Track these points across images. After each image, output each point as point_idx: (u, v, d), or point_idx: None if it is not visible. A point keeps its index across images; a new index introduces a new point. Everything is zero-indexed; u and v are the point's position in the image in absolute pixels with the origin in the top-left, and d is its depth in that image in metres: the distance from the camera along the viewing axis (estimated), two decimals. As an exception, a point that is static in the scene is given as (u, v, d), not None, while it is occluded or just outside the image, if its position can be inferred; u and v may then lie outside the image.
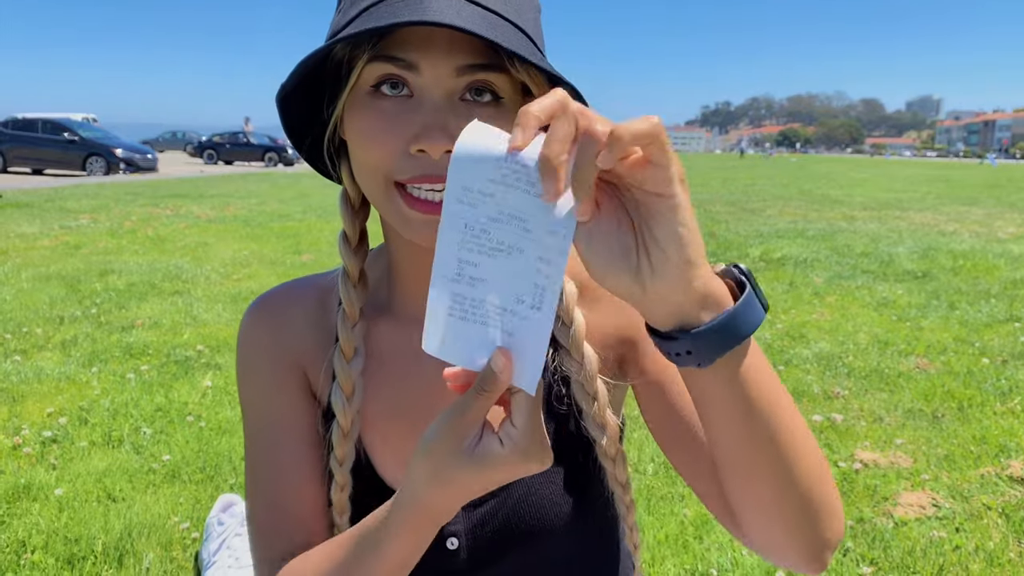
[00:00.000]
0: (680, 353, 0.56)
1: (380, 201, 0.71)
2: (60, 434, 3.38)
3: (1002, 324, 5.45)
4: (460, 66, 0.66)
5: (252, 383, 0.88)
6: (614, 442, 0.81)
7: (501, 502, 0.81)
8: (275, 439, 0.86)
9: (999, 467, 3.17)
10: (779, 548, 0.67)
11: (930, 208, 15.09)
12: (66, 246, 8.37)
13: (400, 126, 0.67)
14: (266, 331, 0.87)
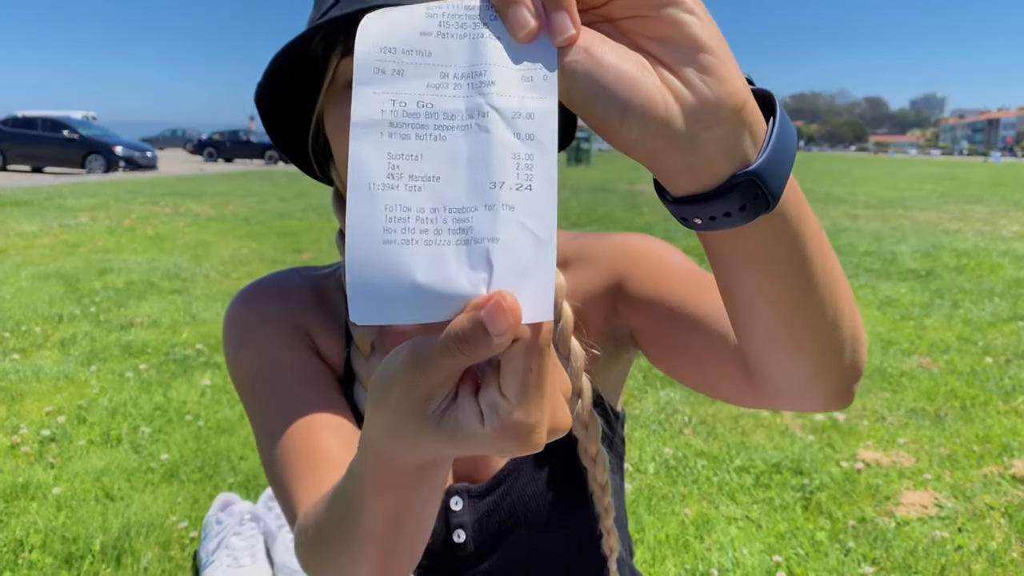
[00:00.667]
0: (745, 206, 0.44)
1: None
2: (58, 433, 3.36)
3: (1006, 323, 5.42)
4: None
5: (255, 352, 0.82)
6: (594, 442, 0.81)
7: (506, 490, 0.82)
8: (291, 381, 0.80)
9: (1002, 467, 3.15)
10: (813, 393, 0.61)
11: (934, 206, 15.05)
12: (65, 244, 8.36)
13: None
14: (268, 303, 0.85)
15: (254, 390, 0.82)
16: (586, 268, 0.83)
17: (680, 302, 0.75)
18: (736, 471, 3.08)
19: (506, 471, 0.82)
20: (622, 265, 0.81)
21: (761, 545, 2.57)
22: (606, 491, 0.83)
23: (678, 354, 0.76)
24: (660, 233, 10.15)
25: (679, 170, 0.43)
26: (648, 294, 0.78)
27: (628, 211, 13.32)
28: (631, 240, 0.83)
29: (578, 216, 12.26)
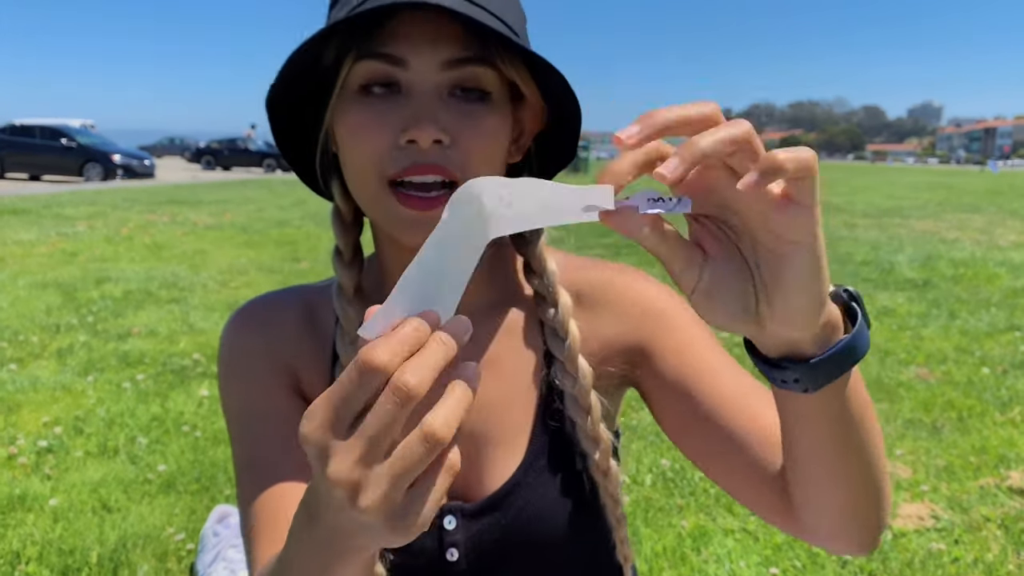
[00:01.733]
0: (787, 381, 0.54)
1: (373, 204, 0.71)
2: (55, 444, 3.36)
3: (1003, 333, 5.43)
4: (447, 60, 0.67)
5: (240, 387, 0.86)
6: (606, 456, 0.81)
7: (502, 514, 0.81)
8: (266, 438, 0.84)
9: (999, 478, 3.15)
10: (843, 538, 0.67)
11: (931, 215, 15.09)
12: (63, 253, 8.36)
13: (390, 119, 0.67)
14: (255, 334, 0.86)
15: (233, 429, 0.86)
16: (607, 314, 0.83)
17: (712, 405, 0.77)
18: (733, 482, 3.08)
19: (503, 492, 0.81)
20: (647, 328, 0.82)
21: (758, 557, 2.57)
22: (619, 503, 0.84)
23: (705, 454, 0.79)
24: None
25: (769, 347, 0.53)
26: (672, 375, 0.80)
27: (626, 220, 13.33)
28: (659, 301, 0.84)
29: (576, 225, 12.23)
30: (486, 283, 0.85)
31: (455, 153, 0.68)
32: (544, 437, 0.82)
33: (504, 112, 0.72)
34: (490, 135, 0.70)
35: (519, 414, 0.82)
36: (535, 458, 0.81)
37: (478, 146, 0.69)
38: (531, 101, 0.74)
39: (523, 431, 0.82)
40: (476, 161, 0.69)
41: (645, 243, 0.47)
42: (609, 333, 0.83)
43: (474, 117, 0.69)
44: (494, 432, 0.82)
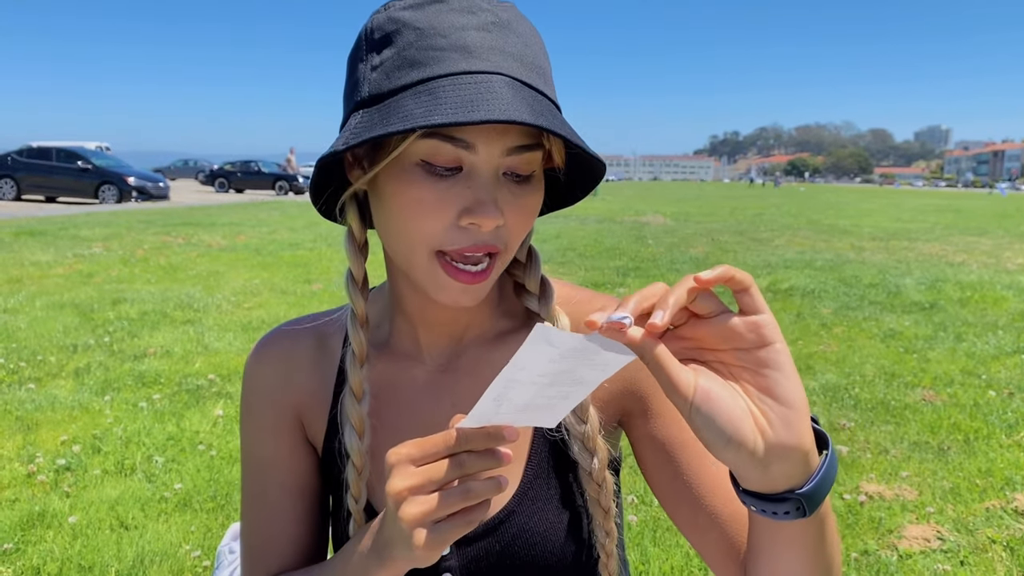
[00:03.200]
0: (789, 511, 0.58)
1: (419, 269, 0.74)
2: (74, 462, 3.43)
3: (1009, 356, 5.46)
4: (511, 147, 0.70)
5: (251, 425, 0.92)
6: (603, 467, 0.82)
7: (496, 539, 0.83)
8: (265, 480, 0.92)
9: (1004, 500, 3.18)
10: None
11: (938, 239, 15.10)
12: (79, 274, 8.47)
13: (452, 199, 0.70)
14: (267, 378, 0.91)
15: (243, 460, 0.94)
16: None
17: (691, 477, 0.82)
18: (740, 503, 3.11)
19: (498, 518, 0.83)
20: (646, 384, 0.84)
21: (764, 577, 2.60)
22: (609, 515, 0.84)
23: (677, 513, 0.83)
24: (665, 264, 10.22)
25: (750, 479, 0.58)
26: (659, 437, 0.83)
27: (634, 242, 13.40)
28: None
29: (585, 247, 12.33)
30: (493, 314, 0.88)
31: (504, 231, 0.72)
32: (540, 463, 0.84)
33: (541, 185, 0.76)
34: (532, 212, 0.75)
35: (516, 441, 0.86)
36: (530, 485, 0.84)
37: (523, 225, 0.74)
38: (555, 160, 0.77)
39: (519, 456, 0.84)
40: (518, 235, 0.74)
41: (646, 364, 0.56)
42: (613, 379, 0.84)
43: (522, 196, 0.73)
44: None
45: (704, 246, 12.96)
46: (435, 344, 0.87)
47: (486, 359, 0.86)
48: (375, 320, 0.89)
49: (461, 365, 0.86)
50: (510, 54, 0.70)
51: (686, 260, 10.82)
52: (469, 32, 0.69)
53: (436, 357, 0.87)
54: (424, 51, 0.69)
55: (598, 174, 0.79)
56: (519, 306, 0.89)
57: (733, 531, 0.79)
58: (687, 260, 10.82)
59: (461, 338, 0.87)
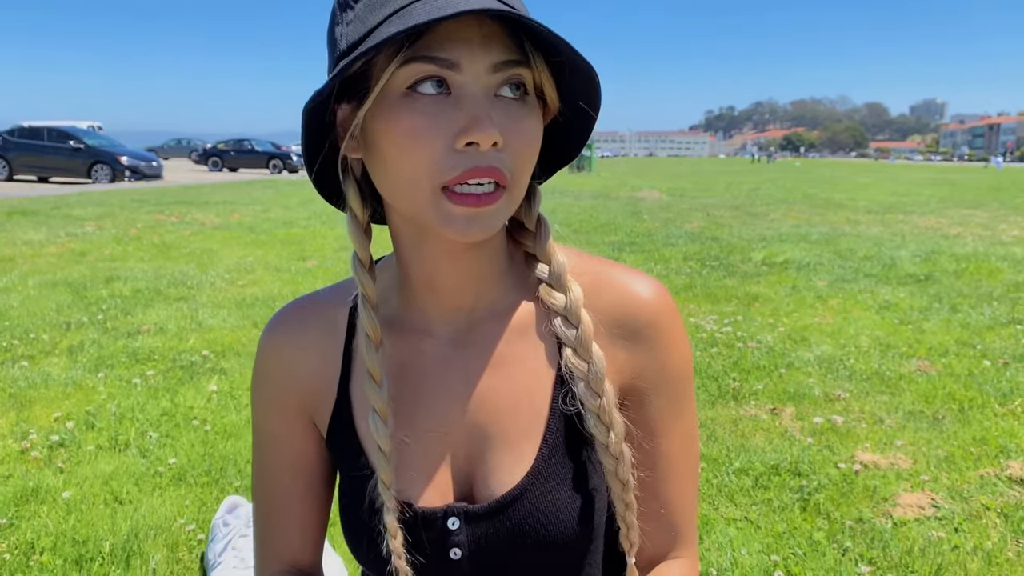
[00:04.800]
0: None
1: (424, 209, 0.70)
2: (67, 438, 3.42)
3: (1004, 327, 5.46)
4: (496, 62, 0.67)
5: (257, 400, 0.93)
6: (620, 440, 0.80)
7: (507, 517, 0.81)
8: (269, 456, 0.92)
9: (998, 468, 3.19)
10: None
11: (933, 212, 15.09)
12: (72, 253, 8.43)
13: (445, 123, 0.67)
14: (273, 359, 0.90)
15: (253, 431, 0.95)
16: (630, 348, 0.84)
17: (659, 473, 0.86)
18: (735, 473, 3.12)
19: (510, 497, 0.81)
20: (648, 373, 0.85)
21: (759, 545, 2.61)
22: (628, 488, 0.82)
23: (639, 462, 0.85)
24: (660, 239, 10.20)
25: None
26: (646, 422, 0.85)
27: (629, 218, 13.37)
28: (681, 365, 0.86)
29: (580, 223, 12.30)
30: (502, 286, 0.85)
31: (506, 156, 0.69)
32: (555, 440, 0.82)
33: (538, 112, 0.73)
34: (533, 137, 0.71)
35: (530, 417, 0.82)
36: (544, 463, 0.81)
37: (524, 148, 0.70)
38: (550, 100, 0.75)
39: (534, 435, 0.82)
40: (523, 163, 0.71)
41: None
42: (634, 364, 0.84)
43: (519, 119, 0.70)
44: (504, 435, 0.82)
45: (699, 221, 12.94)
46: (445, 316, 0.84)
47: (498, 332, 0.84)
48: (382, 294, 0.85)
49: (473, 339, 0.84)
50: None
51: (681, 235, 10.80)
52: None
53: (446, 330, 0.84)
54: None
55: (592, 89, 0.74)
56: (530, 276, 0.86)
57: (660, 534, 0.86)
58: (682, 235, 10.80)
59: (472, 309, 0.84)
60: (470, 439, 0.83)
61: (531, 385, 0.83)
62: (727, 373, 4.38)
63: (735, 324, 5.54)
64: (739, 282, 7.16)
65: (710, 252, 9.03)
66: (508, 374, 0.83)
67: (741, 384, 4.21)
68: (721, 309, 6.06)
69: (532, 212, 0.83)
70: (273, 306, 5.98)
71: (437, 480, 0.83)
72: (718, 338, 5.15)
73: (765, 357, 4.72)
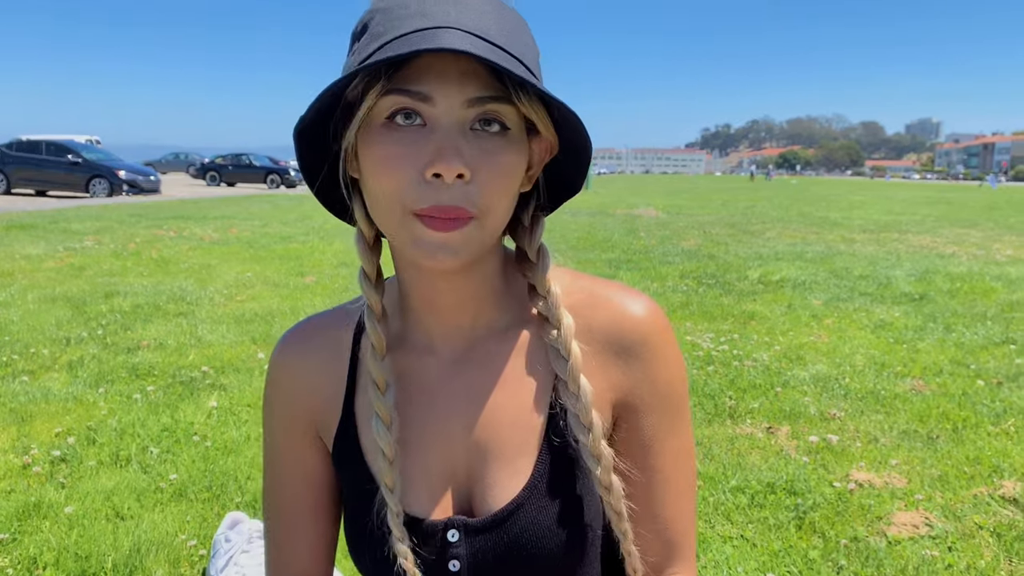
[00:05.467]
0: None
1: (397, 230, 0.74)
2: (69, 453, 3.44)
3: (997, 346, 5.51)
4: (471, 98, 0.70)
5: (268, 417, 0.96)
6: (608, 472, 0.82)
7: (505, 531, 0.83)
8: (277, 477, 0.96)
9: (992, 487, 3.22)
10: None
11: (928, 231, 15.18)
12: (71, 267, 8.45)
13: (415, 152, 0.70)
14: (282, 378, 0.94)
15: (264, 444, 0.98)
16: (636, 367, 0.86)
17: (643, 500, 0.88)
18: (731, 491, 3.15)
19: (508, 510, 0.84)
20: (638, 391, 0.87)
21: (755, 563, 2.64)
22: (622, 517, 0.85)
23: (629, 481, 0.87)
24: (657, 256, 10.25)
25: None
26: (631, 453, 0.87)
27: (626, 235, 13.43)
28: (675, 385, 0.88)
29: (577, 240, 12.36)
30: (500, 306, 0.88)
31: (474, 188, 0.71)
32: (549, 457, 0.85)
33: (521, 146, 0.75)
34: (508, 170, 0.73)
35: (527, 434, 0.85)
36: (540, 478, 0.84)
37: (496, 180, 0.72)
38: (544, 134, 0.77)
39: (530, 451, 0.85)
40: (494, 196, 0.72)
41: None
42: (612, 386, 0.86)
43: (494, 153, 0.72)
44: (502, 450, 0.85)
45: (696, 239, 13.00)
46: (446, 335, 0.87)
47: (497, 351, 0.87)
48: (388, 312, 0.89)
49: (473, 356, 0.87)
50: (472, 16, 0.71)
51: (678, 253, 10.85)
52: (429, 3, 0.71)
53: (447, 348, 0.88)
54: (388, 23, 0.71)
55: (582, 137, 0.77)
56: (525, 301, 0.89)
57: (658, 549, 0.88)
58: (679, 253, 10.85)
59: (472, 328, 0.87)
60: (470, 454, 0.86)
61: (529, 402, 0.86)
62: (723, 391, 4.42)
63: (731, 342, 5.58)
64: (735, 300, 7.21)
65: (707, 270, 9.08)
66: (507, 391, 0.86)
67: (737, 403, 4.25)
68: (718, 327, 6.10)
69: (534, 243, 0.86)
70: (272, 322, 6.01)
71: (438, 493, 0.86)
72: (715, 356, 5.19)
73: (761, 376, 4.75)
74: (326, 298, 7.10)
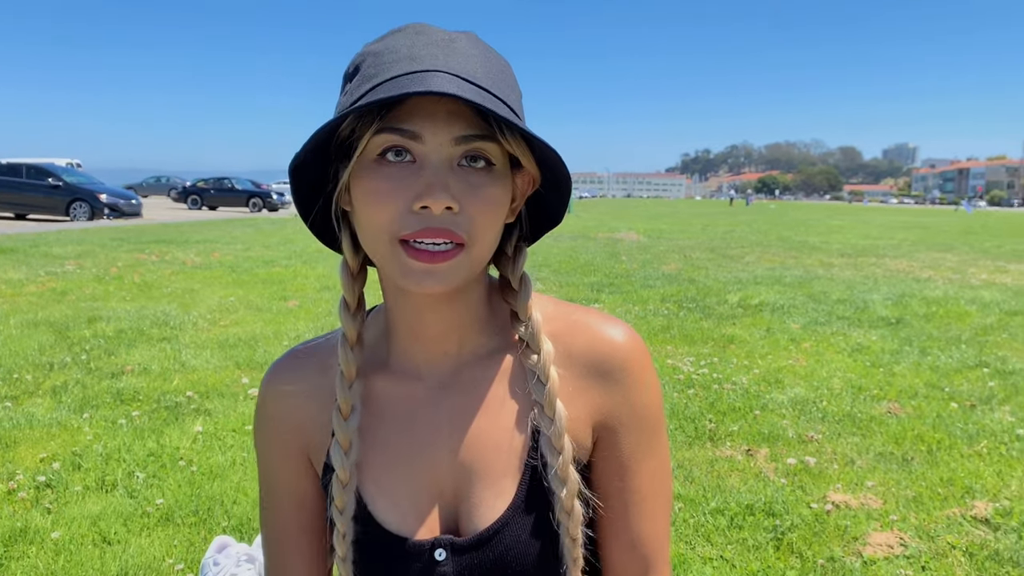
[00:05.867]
0: None
1: (384, 257, 0.78)
2: (54, 479, 3.45)
3: (971, 369, 5.62)
4: (458, 136, 0.75)
5: (261, 446, 1.00)
6: (571, 497, 0.86)
7: (490, 550, 0.87)
8: (272, 500, 1.00)
9: (964, 508, 3.30)
10: None
11: (905, 255, 15.40)
12: (53, 292, 8.42)
13: (405, 187, 0.75)
14: (272, 404, 0.98)
15: (259, 471, 1.01)
16: (614, 390, 0.91)
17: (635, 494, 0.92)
18: (711, 513, 3.21)
19: (492, 530, 0.87)
20: (617, 412, 0.91)
21: (735, 583, 2.69)
22: (577, 543, 0.88)
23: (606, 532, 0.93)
24: (638, 280, 10.35)
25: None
26: (607, 479, 0.91)
27: (608, 259, 13.54)
28: (651, 409, 0.92)
29: (560, 263, 12.45)
30: (485, 332, 0.92)
31: (462, 219, 0.76)
32: (535, 476, 0.88)
33: (505, 181, 0.81)
34: (493, 202, 0.79)
35: (510, 456, 0.88)
36: (524, 498, 0.87)
37: (482, 212, 0.77)
38: (527, 168, 0.83)
39: (514, 472, 0.88)
40: (481, 226, 0.78)
41: None
42: (596, 404, 0.90)
43: (480, 187, 0.77)
44: (487, 471, 0.88)
45: (677, 263, 13.13)
46: (432, 361, 0.91)
47: (482, 376, 0.91)
48: (374, 339, 0.94)
49: (458, 382, 0.91)
50: (459, 60, 0.76)
51: (659, 277, 10.96)
52: (419, 47, 0.77)
53: (433, 374, 0.91)
54: (379, 66, 0.77)
55: (562, 172, 0.82)
56: (509, 326, 0.93)
57: (633, 566, 0.91)
58: (660, 277, 10.96)
59: (457, 354, 0.91)
60: (455, 476, 0.90)
61: (512, 425, 0.90)
62: (703, 415, 4.49)
63: (711, 366, 5.66)
64: (715, 324, 7.30)
65: (687, 294, 9.19)
66: (491, 415, 0.90)
67: (717, 425, 4.32)
68: (698, 351, 6.18)
69: (516, 271, 0.90)
70: (256, 347, 6.03)
71: (424, 514, 0.90)
72: (695, 380, 5.26)
73: (740, 399, 4.83)
74: (309, 322, 7.13)
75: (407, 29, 0.81)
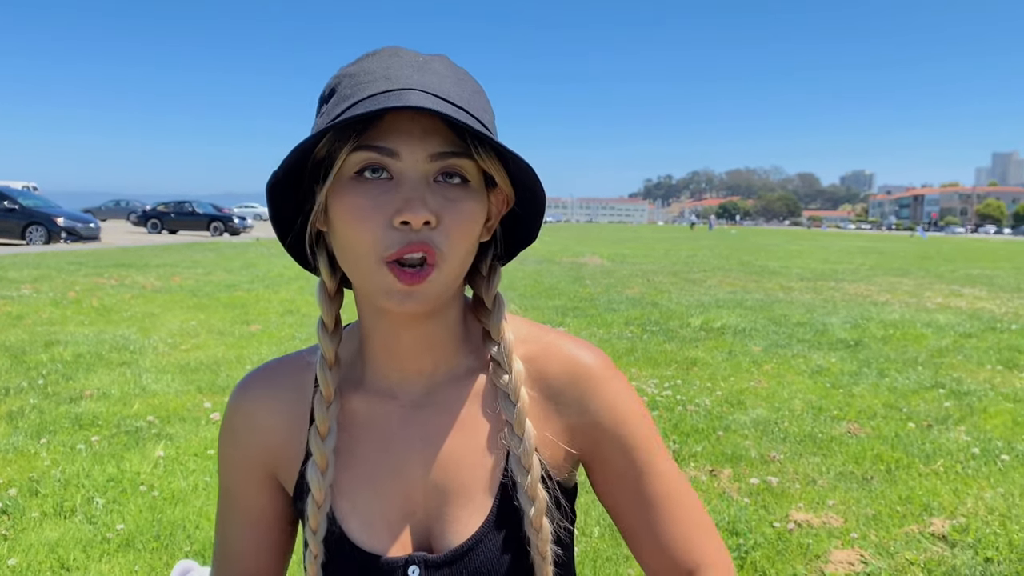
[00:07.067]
0: None
1: (366, 277, 0.79)
2: (10, 505, 3.37)
3: (928, 390, 5.74)
4: (434, 152, 0.77)
5: (223, 461, 0.99)
6: (540, 515, 0.87)
7: (463, 566, 0.87)
8: (231, 516, 0.99)
9: (922, 525, 3.36)
10: None
11: (863, 279, 15.71)
12: (8, 316, 8.25)
13: (384, 203, 0.76)
14: (241, 422, 0.97)
15: (220, 485, 1.00)
16: (575, 408, 0.92)
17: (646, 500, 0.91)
18: (677, 533, 3.23)
19: (465, 547, 0.87)
20: (602, 414, 0.92)
21: (700, 602, 2.71)
22: (546, 560, 0.89)
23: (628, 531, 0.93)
24: (602, 304, 10.42)
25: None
26: (620, 471, 0.92)
27: (572, 283, 13.62)
28: (629, 416, 0.93)
29: (525, 287, 12.50)
30: (460, 352, 0.93)
31: (438, 234, 0.78)
32: (508, 495, 0.89)
33: (480, 197, 0.82)
34: (469, 216, 0.80)
35: (484, 473, 0.89)
36: (497, 515, 0.88)
37: (458, 226, 0.79)
38: (501, 187, 0.84)
39: (487, 489, 0.89)
40: (456, 239, 0.79)
41: None
42: (573, 423, 0.91)
43: (456, 201, 0.79)
44: (461, 489, 0.89)
45: (640, 287, 13.25)
46: (407, 380, 0.92)
47: (456, 396, 0.92)
48: (350, 358, 0.94)
49: (433, 401, 0.92)
50: (434, 80, 0.78)
51: (623, 300, 11.05)
52: (394, 68, 0.79)
53: (408, 393, 0.92)
54: (355, 86, 0.79)
55: (537, 189, 0.84)
56: (487, 344, 0.94)
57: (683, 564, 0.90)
58: (624, 300, 11.05)
59: (432, 374, 0.92)
60: (428, 494, 0.91)
61: (486, 444, 0.90)
62: (667, 436, 4.53)
63: (675, 388, 5.71)
64: (678, 347, 7.37)
65: (650, 317, 9.27)
66: (465, 434, 0.91)
67: (681, 446, 4.36)
68: (661, 373, 6.24)
69: (490, 291, 0.92)
70: (218, 371, 5.96)
71: (396, 531, 0.90)
72: (659, 401, 5.31)
73: (704, 420, 4.88)
74: (272, 346, 7.06)
75: (382, 52, 0.83)
